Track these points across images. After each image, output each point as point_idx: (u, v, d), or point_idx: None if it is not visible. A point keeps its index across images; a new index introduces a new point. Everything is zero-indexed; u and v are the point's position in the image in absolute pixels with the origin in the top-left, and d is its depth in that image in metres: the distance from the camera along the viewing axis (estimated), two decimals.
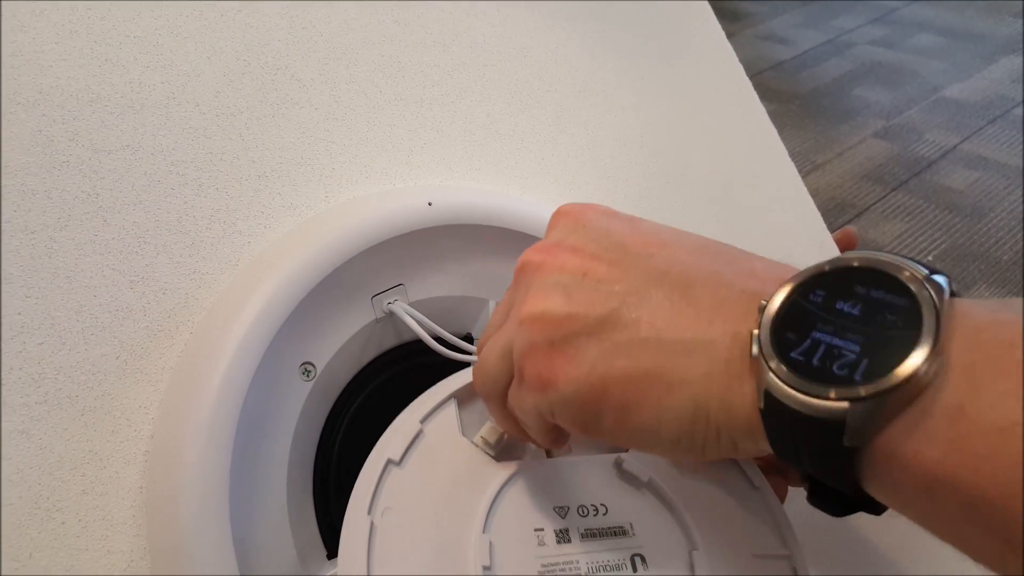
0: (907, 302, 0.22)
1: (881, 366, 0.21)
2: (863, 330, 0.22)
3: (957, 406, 0.20)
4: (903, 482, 0.21)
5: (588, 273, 0.28)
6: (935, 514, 0.21)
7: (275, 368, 0.37)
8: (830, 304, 0.23)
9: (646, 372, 0.25)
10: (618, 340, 0.26)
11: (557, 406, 0.27)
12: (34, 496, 0.34)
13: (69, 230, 0.36)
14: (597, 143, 0.55)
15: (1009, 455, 0.19)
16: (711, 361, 0.25)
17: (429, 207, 0.42)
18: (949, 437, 0.20)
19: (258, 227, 0.41)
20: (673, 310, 0.26)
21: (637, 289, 0.27)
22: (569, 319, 0.27)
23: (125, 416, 0.36)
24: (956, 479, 0.20)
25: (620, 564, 0.31)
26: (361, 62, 0.47)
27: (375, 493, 0.31)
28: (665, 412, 0.25)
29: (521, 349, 0.28)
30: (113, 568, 0.34)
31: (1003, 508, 0.19)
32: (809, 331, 0.23)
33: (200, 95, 0.42)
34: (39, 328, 0.35)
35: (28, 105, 0.37)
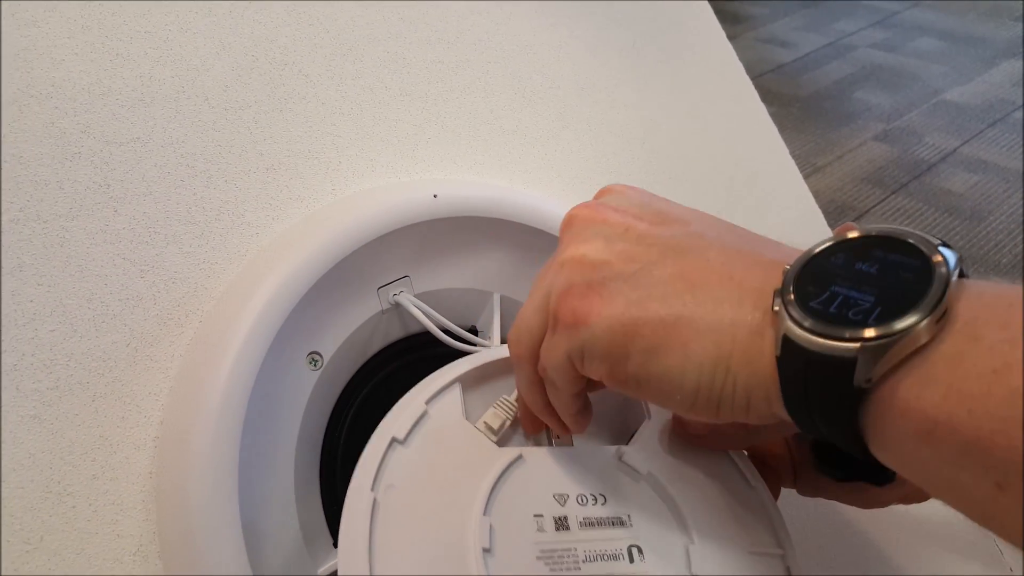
0: (920, 263, 0.23)
1: (892, 313, 0.22)
2: (878, 284, 0.24)
3: (957, 353, 0.21)
4: (904, 429, 0.22)
5: (630, 228, 0.29)
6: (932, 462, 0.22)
7: (283, 357, 0.38)
8: (849, 264, 0.25)
9: (677, 317, 0.26)
10: (653, 286, 0.27)
11: (588, 344, 0.28)
12: (45, 480, 0.34)
13: (81, 220, 0.37)
14: (599, 140, 0.55)
15: (1002, 394, 0.20)
16: (738, 313, 0.26)
17: (435, 199, 0.43)
18: (948, 381, 0.21)
19: (266, 219, 0.41)
20: (707, 267, 0.27)
21: (675, 247, 0.28)
22: (607, 263, 0.28)
23: (135, 402, 0.36)
24: (953, 420, 0.21)
25: (617, 554, 0.32)
26: (367, 58, 0.48)
27: (379, 470, 0.31)
28: (690, 358, 0.26)
29: (559, 289, 0.29)
30: (123, 552, 0.35)
31: (995, 446, 0.20)
32: (828, 285, 0.24)
33: (209, 89, 0.42)
34: (51, 315, 0.35)
35: (41, 98, 0.38)
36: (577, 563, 0.31)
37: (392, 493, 0.31)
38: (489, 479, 0.32)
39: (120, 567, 0.35)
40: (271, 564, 0.36)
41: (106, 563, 0.35)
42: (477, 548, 0.30)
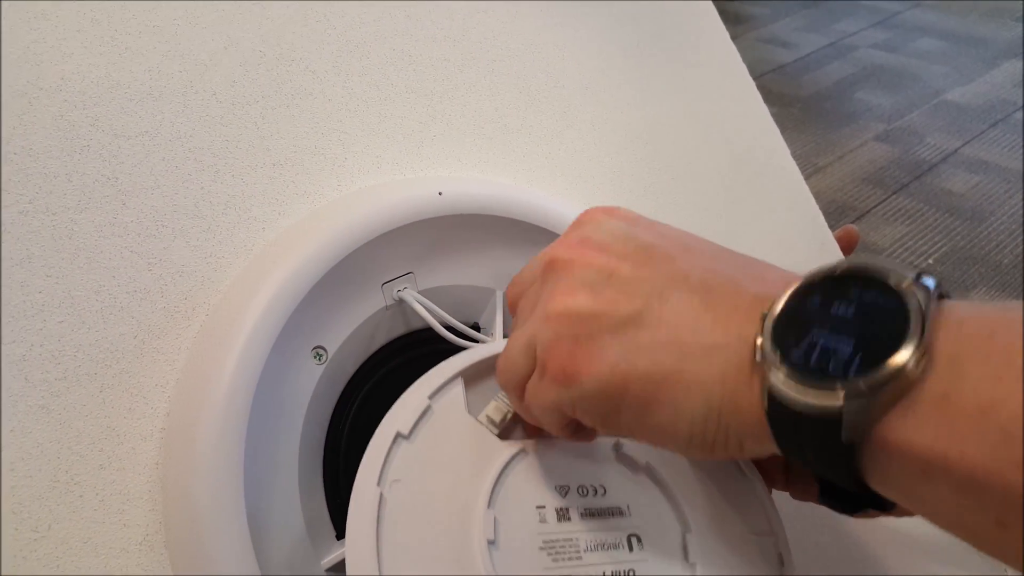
0: (896, 303, 0.23)
1: (871, 362, 0.22)
2: (855, 330, 0.23)
3: (942, 394, 0.21)
4: (900, 471, 0.22)
5: (614, 272, 0.29)
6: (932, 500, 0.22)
7: (288, 350, 0.38)
8: (826, 307, 0.25)
9: (666, 374, 0.26)
10: (641, 340, 0.27)
11: (578, 401, 0.28)
12: (53, 470, 0.35)
13: (89, 212, 0.37)
14: (603, 138, 0.56)
15: (991, 433, 0.20)
16: (725, 365, 0.26)
17: (439, 197, 0.43)
18: (936, 422, 0.21)
19: (272, 214, 0.42)
20: (693, 314, 0.27)
21: (660, 291, 0.28)
22: (594, 317, 0.28)
23: (142, 394, 0.37)
24: (946, 461, 0.21)
25: (617, 544, 0.32)
26: (373, 55, 0.48)
27: (384, 465, 0.31)
28: (681, 412, 0.26)
29: (546, 343, 0.29)
30: (129, 541, 0.35)
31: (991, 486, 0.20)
32: (807, 333, 0.24)
33: (217, 84, 0.42)
34: (59, 307, 0.36)
35: (51, 91, 0.38)
36: (579, 553, 0.31)
37: (398, 488, 0.31)
38: (492, 473, 0.32)
39: (126, 556, 0.35)
40: (275, 555, 0.37)
41: (112, 552, 0.35)
42: (482, 541, 0.30)
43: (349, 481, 0.41)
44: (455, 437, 0.34)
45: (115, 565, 0.35)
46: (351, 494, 0.31)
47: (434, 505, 0.31)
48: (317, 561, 0.39)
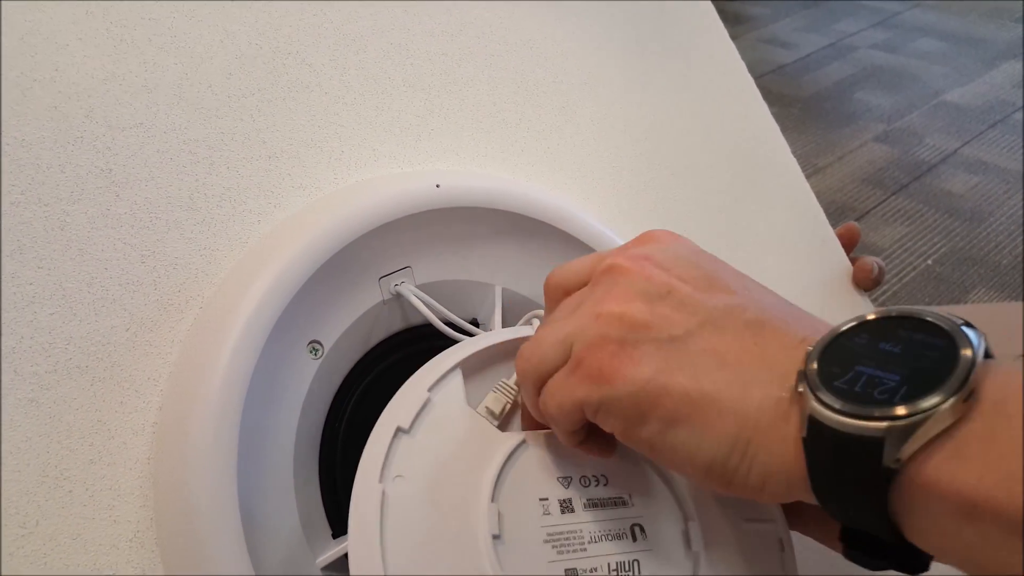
0: (945, 342, 0.23)
1: (919, 392, 0.22)
2: (904, 363, 0.24)
3: (988, 431, 0.21)
4: (941, 510, 0.22)
5: (673, 291, 0.29)
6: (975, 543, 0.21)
7: (283, 344, 0.38)
8: (873, 344, 0.25)
9: (703, 394, 0.26)
10: (685, 359, 0.27)
11: (606, 403, 0.28)
12: (42, 464, 0.34)
13: (82, 204, 0.37)
14: (602, 134, 0.55)
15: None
16: (764, 397, 0.26)
17: (437, 189, 0.42)
18: (982, 459, 0.21)
19: (268, 206, 0.41)
20: (742, 346, 0.27)
21: (715, 320, 0.28)
22: (645, 326, 0.28)
23: (134, 387, 0.36)
24: (993, 501, 0.21)
25: (621, 534, 0.32)
26: (370, 49, 0.48)
27: (386, 460, 0.31)
28: (708, 436, 0.26)
29: (588, 340, 0.29)
30: (119, 537, 0.35)
31: None
32: (852, 365, 0.24)
33: (212, 77, 0.42)
34: (50, 298, 0.35)
35: (44, 82, 0.38)
36: (583, 544, 0.31)
37: (400, 483, 0.31)
38: (495, 465, 0.32)
39: (116, 553, 0.35)
40: (269, 553, 0.36)
41: (103, 548, 0.34)
42: (487, 536, 0.30)
43: (346, 478, 0.41)
44: (455, 430, 0.33)
45: (105, 562, 0.34)
46: (352, 490, 0.31)
47: (437, 500, 0.31)
48: (313, 559, 0.38)
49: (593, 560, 0.31)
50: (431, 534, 0.30)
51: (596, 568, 0.31)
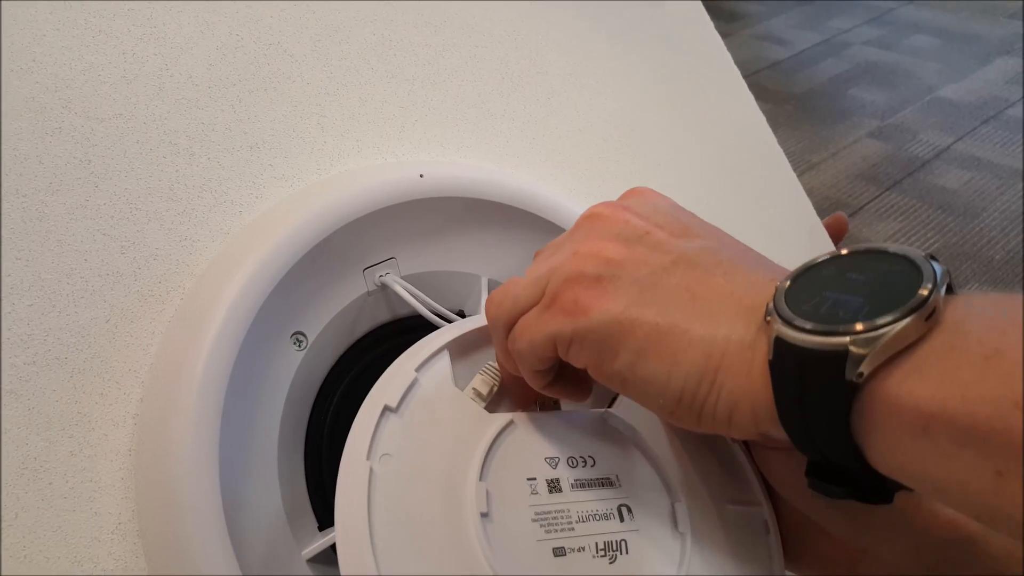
0: (909, 269, 0.24)
1: (880, 310, 0.23)
2: (868, 288, 0.24)
3: (947, 348, 0.22)
4: (898, 426, 0.22)
5: (649, 234, 0.30)
6: (929, 457, 0.22)
7: (265, 335, 0.38)
8: (841, 274, 0.26)
9: (673, 325, 0.27)
10: (658, 292, 0.28)
11: (580, 333, 0.28)
12: (21, 457, 0.34)
13: (61, 195, 0.37)
14: (588, 126, 0.55)
15: (995, 379, 0.20)
16: (732, 327, 0.26)
17: (421, 179, 0.42)
18: (939, 372, 0.22)
19: (249, 197, 0.41)
20: (713, 282, 0.28)
21: (688, 259, 0.29)
22: (621, 264, 0.29)
23: (115, 379, 0.36)
24: (947, 410, 0.21)
25: (608, 514, 0.32)
26: (353, 40, 0.48)
27: (373, 439, 0.31)
28: (678, 365, 0.27)
29: (564, 275, 0.30)
30: (101, 529, 0.35)
31: (992, 431, 0.20)
32: (819, 292, 0.25)
33: (193, 67, 0.42)
34: (29, 290, 0.35)
35: (21, 72, 0.37)
36: (571, 523, 0.31)
37: (387, 462, 0.31)
38: (483, 445, 0.32)
39: (97, 545, 0.34)
40: (253, 545, 0.36)
41: (83, 541, 0.34)
42: (475, 514, 0.30)
43: (332, 471, 0.40)
44: (443, 410, 0.33)
45: (86, 555, 0.34)
46: (339, 468, 0.31)
47: (425, 479, 0.31)
48: (298, 552, 0.38)
49: (581, 539, 0.31)
50: (419, 512, 0.30)
51: (584, 547, 0.31)
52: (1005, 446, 0.20)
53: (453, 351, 0.36)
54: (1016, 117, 2.23)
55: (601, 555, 0.31)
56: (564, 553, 0.31)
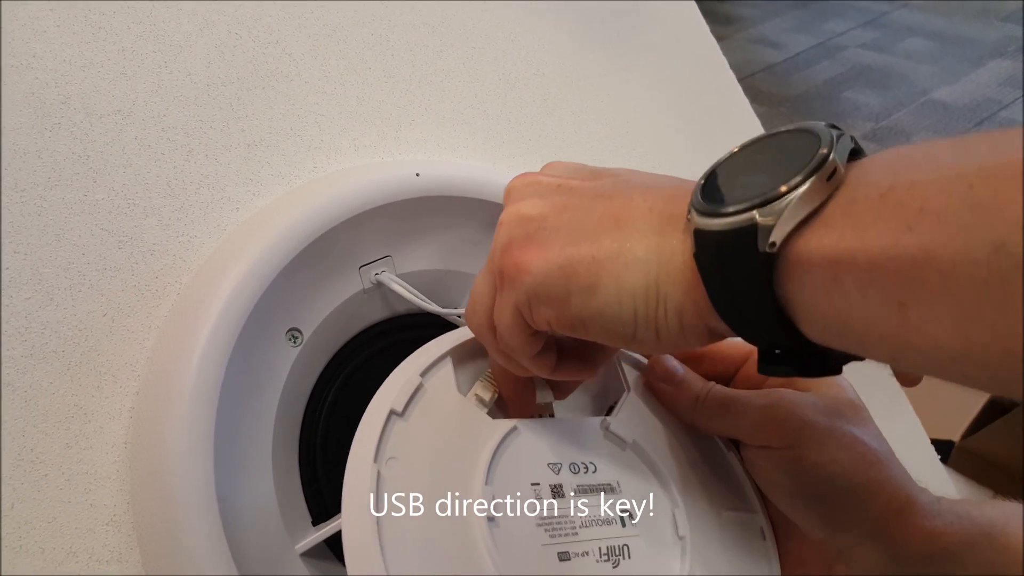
0: (809, 138, 0.25)
1: (782, 178, 0.24)
2: (771, 164, 0.25)
3: (849, 201, 0.23)
4: (813, 284, 0.23)
5: (562, 185, 0.31)
6: (843, 306, 0.22)
7: (261, 331, 0.38)
8: (747, 160, 0.27)
9: (607, 253, 0.28)
10: (586, 228, 0.29)
11: (531, 290, 0.29)
12: (17, 448, 0.34)
13: (59, 189, 0.37)
14: (583, 127, 0.56)
15: (888, 213, 0.21)
16: (659, 240, 0.27)
17: (417, 178, 0.43)
18: (843, 224, 0.22)
19: (247, 194, 0.42)
20: (631, 205, 0.29)
21: (604, 193, 0.30)
22: (543, 217, 0.30)
23: (111, 372, 0.37)
24: (850, 255, 0.22)
25: (611, 519, 0.33)
26: (351, 39, 0.48)
27: (380, 442, 0.31)
28: (623, 289, 0.27)
29: (501, 245, 0.30)
30: (96, 521, 0.35)
31: (890, 266, 0.21)
32: (730, 180, 0.26)
33: (192, 65, 0.42)
34: (27, 283, 0.35)
35: (21, 68, 0.38)
36: (574, 528, 0.32)
37: (394, 465, 0.31)
38: (488, 450, 0.32)
39: (92, 537, 0.35)
40: (247, 538, 0.36)
41: (79, 532, 0.35)
42: (482, 518, 0.30)
43: (326, 466, 0.41)
44: (448, 415, 0.34)
45: (81, 546, 0.35)
46: (343, 471, 0.31)
47: (431, 483, 0.31)
48: (291, 545, 0.38)
49: (585, 544, 0.32)
50: (426, 516, 0.30)
51: (588, 551, 0.32)
52: (901, 273, 0.21)
53: (456, 357, 0.36)
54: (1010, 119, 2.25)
55: (604, 559, 0.32)
56: (569, 558, 0.31)
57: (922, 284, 0.20)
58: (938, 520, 0.33)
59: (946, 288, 0.20)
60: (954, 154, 0.21)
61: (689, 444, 0.37)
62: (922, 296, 0.20)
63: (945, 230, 0.20)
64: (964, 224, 0.19)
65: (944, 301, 0.20)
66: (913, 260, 0.20)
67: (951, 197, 0.20)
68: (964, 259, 0.19)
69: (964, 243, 0.19)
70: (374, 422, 0.32)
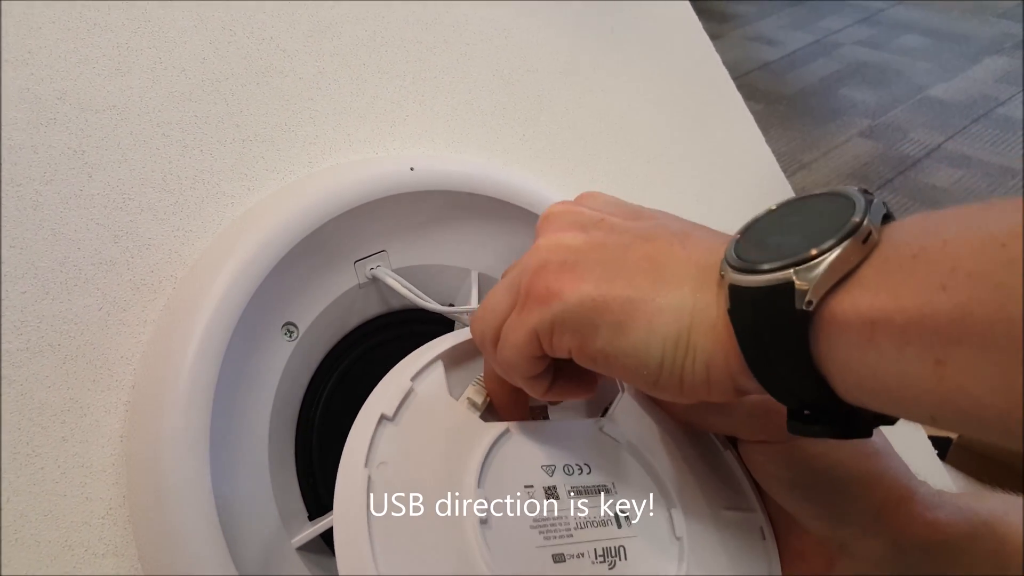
0: (843, 202, 0.26)
1: (818, 240, 0.25)
2: (806, 225, 0.26)
3: (883, 262, 0.24)
4: (848, 343, 0.24)
5: (604, 220, 0.32)
6: (879, 365, 0.23)
7: (256, 325, 0.38)
8: (782, 219, 0.28)
9: (643, 295, 0.28)
10: (622, 267, 0.29)
11: (559, 317, 0.29)
12: (13, 441, 0.34)
13: (55, 184, 0.37)
14: (578, 122, 0.56)
15: (921, 275, 0.22)
16: (695, 289, 0.28)
17: (411, 172, 0.43)
18: (877, 284, 0.23)
19: (242, 189, 0.42)
20: (670, 251, 0.29)
21: (644, 235, 0.30)
22: (581, 250, 0.30)
23: (107, 366, 0.37)
24: (885, 315, 0.22)
25: (606, 520, 0.33)
26: (345, 35, 0.48)
27: (371, 447, 0.31)
28: (654, 333, 0.28)
29: (533, 268, 0.31)
30: (91, 515, 0.35)
31: (925, 325, 0.21)
32: (764, 239, 0.27)
33: (186, 61, 0.42)
34: (22, 277, 0.36)
35: (17, 63, 0.38)
36: (569, 530, 0.32)
37: (385, 470, 0.31)
38: (479, 453, 0.32)
39: (88, 530, 0.35)
40: (243, 532, 0.37)
41: (74, 525, 0.35)
42: (474, 521, 0.30)
43: (323, 461, 0.41)
44: (439, 419, 0.34)
45: (77, 539, 0.35)
46: (335, 475, 0.31)
47: (423, 486, 0.31)
48: (288, 539, 0.38)
49: (580, 545, 0.32)
50: (418, 519, 0.30)
51: (583, 553, 0.32)
52: (938, 332, 0.21)
53: (447, 361, 0.36)
54: (1006, 115, 2.25)
55: (600, 561, 0.32)
56: (564, 559, 0.31)
57: (959, 342, 0.21)
58: (939, 512, 0.33)
59: (984, 346, 0.20)
60: (984, 216, 0.22)
61: (685, 443, 0.37)
62: (960, 354, 0.21)
63: (980, 289, 0.20)
64: (999, 282, 0.20)
65: (983, 359, 0.20)
66: (949, 319, 0.21)
67: (984, 256, 0.21)
68: (1001, 316, 0.20)
69: (1000, 301, 0.20)
70: (365, 427, 0.32)
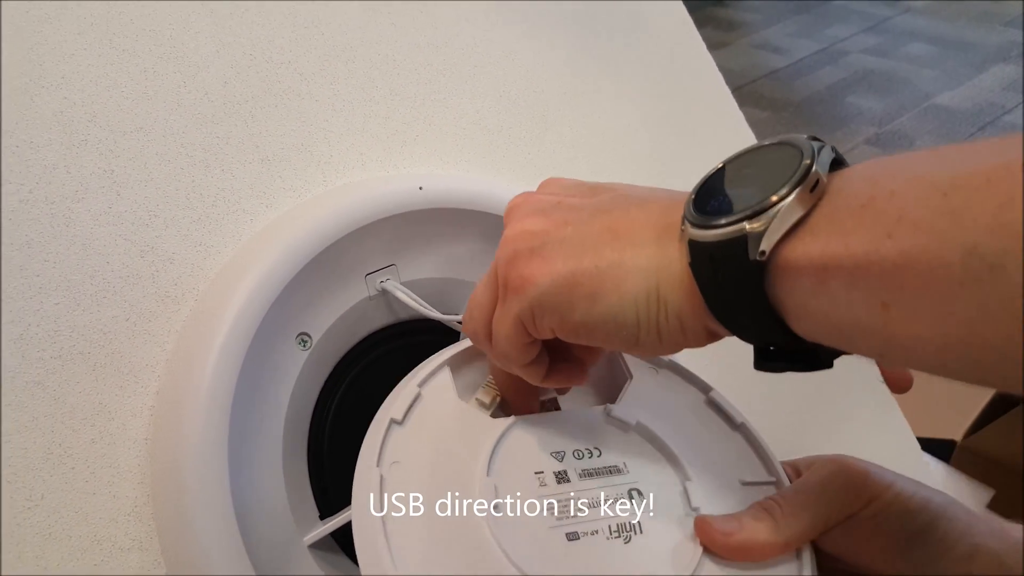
0: (792, 151, 0.27)
1: (769, 190, 0.26)
2: (758, 177, 0.27)
3: (832, 210, 0.25)
4: (802, 288, 0.25)
5: (562, 202, 0.33)
6: (830, 307, 0.24)
7: (273, 335, 0.40)
8: (736, 173, 0.29)
9: (609, 263, 0.30)
10: (587, 241, 0.30)
11: (536, 300, 0.31)
12: (47, 443, 0.37)
13: (86, 202, 0.40)
14: (581, 141, 0.58)
15: (869, 221, 0.23)
16: (657, 249, 0.29)
17: (420, 191, 0.45)
18: (827, 231, 0.24)
19: (260, 206, 0.44)
20: (629, 218, 0.30)
21: (602, 208, 0.31)
22: (545, 232, 0.31)
23: (133, 373, 0.39)
24: (835, 260, 0.24)
25: (619, 498, 0.33)
26: (359, 59, 0.50)
27: (382, 448, 0.32)
28: (625, 296, 0.29)
29: (505, 259, 0.32)
30: (118, 512, 0.38)
31: (871, 266, 0.23)
32: (720, 194, 0.28)
33: (209, 85, 0.45)
34: (56, 290, 0.38)
35: (51, 88, 0.40)
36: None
37: (397, 468, 0.32)
38: (488, 445, 0.33)
39: (115, 526, 0.37)
40: (257, 529, 0.39)
41: (102, 521, 0.37)
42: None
43: (334, 463, 0.43)
44: (448, 419, 0.35)
45: (104, 534, 0.37)
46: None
47: (435, 480, 0.32)
48: (300, 537, 0.40)
49: (594, 523, 0.32)
50: (431, 510, 0.31)
51: (597, 530, 0.32)
52: (883, 276, 0.23)
53: (454, 366, 0.37)
54: (1012, 123, 2.24)
55: (615, 536, 0.32)
56: (578, 537, 0.31)
57: (902, 286, 0.22)
58: None
59: (924, 289, 0.22)
60: (929, 165, 0.23)
61: (696, 424, 0.37)
62: (903, 297, 0.22)
63: (922, 236, 0.22)
64: (939, 230, 0.21)
65: (923, 300, 0.22)
66: (894, 265, 0.22)
67: (927, 205, 0.22)
68: (940, 262, 0.21)
69: (939, 248, 0.21)
70: (375, 432, 0.33)
